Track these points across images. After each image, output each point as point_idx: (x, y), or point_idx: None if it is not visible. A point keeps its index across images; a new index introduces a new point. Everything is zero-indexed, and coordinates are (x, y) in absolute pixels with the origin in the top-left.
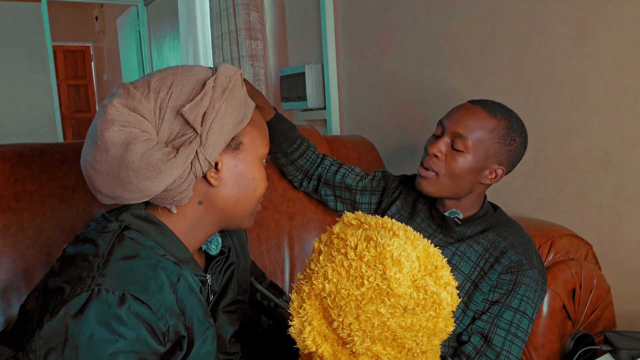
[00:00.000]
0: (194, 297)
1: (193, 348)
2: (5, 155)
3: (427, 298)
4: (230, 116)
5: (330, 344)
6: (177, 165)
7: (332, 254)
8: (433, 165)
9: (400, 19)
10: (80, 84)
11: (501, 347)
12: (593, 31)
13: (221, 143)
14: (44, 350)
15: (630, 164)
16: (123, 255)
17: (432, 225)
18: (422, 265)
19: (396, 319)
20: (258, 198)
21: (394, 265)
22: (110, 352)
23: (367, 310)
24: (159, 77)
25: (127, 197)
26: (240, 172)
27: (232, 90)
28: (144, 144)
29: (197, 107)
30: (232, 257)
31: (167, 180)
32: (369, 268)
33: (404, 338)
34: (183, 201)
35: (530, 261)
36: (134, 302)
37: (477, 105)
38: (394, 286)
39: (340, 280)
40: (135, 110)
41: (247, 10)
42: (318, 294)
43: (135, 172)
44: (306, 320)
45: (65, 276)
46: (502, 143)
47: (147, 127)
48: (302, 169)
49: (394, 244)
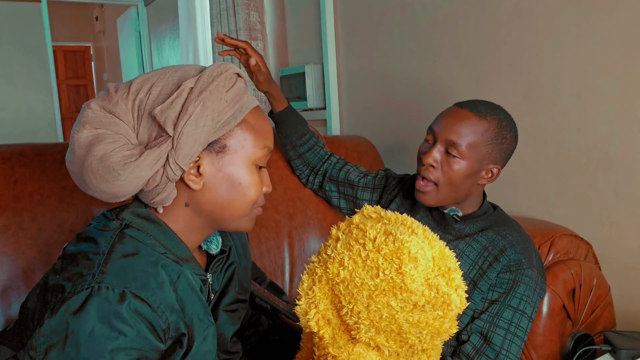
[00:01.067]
0: (194, 296)
1: (193, 346)
2: (5, 155)
3: (437, 297)
4: (208, 118)
5: (332, 328)
6: (141, 168)
7: (350, 243)
8: (431, 175)
9: (400, 19)
10: (80, 84)
11: (501, 347)
12: (593, 31)
13: (196, 147)
14: (44, 347)
15: (630, 164)
16: (123, 253)
17: (431, 222)
18: (437, 265)
19: (405, 314)
20: (249, 203)
21: (410, 261)
22: (111, 348)
23: (379, 301)
24: (143, 78)
25: (97, 197)
26: (224, 176)
27: (213, 91)
28: (107, 146)
29: (169, 109)
30: (233, 256)
31: (131, 183)
32: (385, 261)
33: (408, 333)
34: (165, 202)
35: (530, 260)
36: (134, 299)
37: (465, 108)
38: (408, 281)
39: (356, 269)
40: (112, 112)
41: (247, 10)
42: (332, 278)
43: (94, 174)
44: (313, 302)
45: (66, 274)
46: (494, 143)
47: (122, 129)
48: (310, 164)
49: (412, 241)
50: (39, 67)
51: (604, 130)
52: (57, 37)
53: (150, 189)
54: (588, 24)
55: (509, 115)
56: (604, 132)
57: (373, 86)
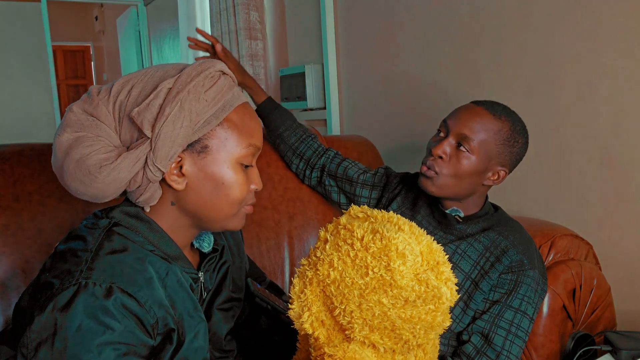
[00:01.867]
0: (183, 293)
1: (184, 343)
2: (5, 155)
3: (428, 291)
4: (186, 119)
5: (326, 329)
6: (119, 170)
7: (339, 244)
8: (437, 167)
9: (401, 19)
10: (80, 84)
11: (502, 347)
12: (593, 31)
13: (174, 147)
14: (34, 344)
15: (630, 164)
16: (111, 250)
17: (433, 222)
18: (425, 260)
19: (397, 310)
20: (234, 202)
21: (398, 257)
22: (98, 343)
23: (370, 299)
24: (125, 79)
25: (81, 198)
26: (207, 176)
27: (192, 91)
28: (84, 150)
29: (146, 111)
30: (226, 255)
31: (109, 185)
32: (374, 259)
33: (402, 329)
34: (150, 202)
35: (532, 261)
36: (121, 294)
37: (481, 106)
38: (397, 278)
39: (346, 269)
40: (93, 114)
41: (247, 10)
42: (322, 280)
43: (71, 176)
44: (306, 305)
45: (55, 271)
46: (505, 145)
47: (104, 132)
48: (304, 157)
49: (399, 238)
50: (38, 67)
51: (604, 130)
52: (56, 37)
53: (134, 190)
54: (588, 24)
55: (523, 122)
56: (604, 132)
57: (373, 86)
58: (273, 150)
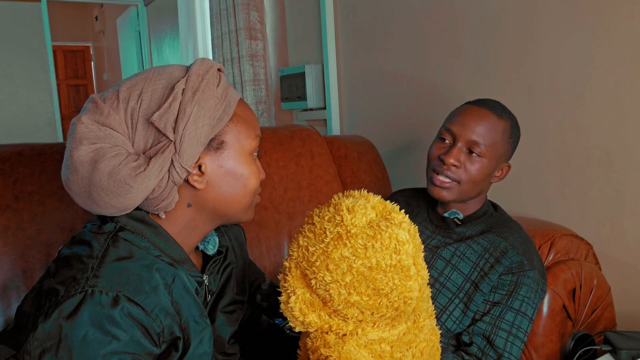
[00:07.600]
0: (189, 298)
1: (189, 349)
2: (5, 155)
3: (382, 232)
4: (205, 117)
5: (317, 313)
6: (150, 177)
7: (303, 227)
8: (454, 175)
9: (400, 19)
10: (80, 84)
11: (503, 349)
12: (593, 31)
13: (198, 147)
14: (38, 352)
15: (630, 164)
16: (117, 257)
17: (430, 226)
18: (376, 211)
19: (361, 260)
20: (251, 192)
21: (349, 213)
22: (104, 353)
23: (334, 257)
24: (128, 85)
25: (105, 213)
26: (226, 171)
27: (205, 89)
28: (112, 161)
29: (167, 114)
30: (230, 256)
31: (141, 194)
32: (329, 223)
33: (375, 281)
34: (169, 207)
35: (531, 262)
36: (128, 303)
37: (482, 107)
38: (350, 228)
39: (309, 242)
40: (105, 124)
41: (247, 10)
42: (296, 261)
43: (104, 190)
44: (291, 290)
45: (60, 277)
46: (509, 141)
47: (119, 140)
48: None
49: (348, 199)
50: (38, 67)
51: (604, 130)
52: (57, 36)
53: (156, 196)
54: (588, 24)
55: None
56: (604, 132)
57: (373, 86)
58: (273, 151)
